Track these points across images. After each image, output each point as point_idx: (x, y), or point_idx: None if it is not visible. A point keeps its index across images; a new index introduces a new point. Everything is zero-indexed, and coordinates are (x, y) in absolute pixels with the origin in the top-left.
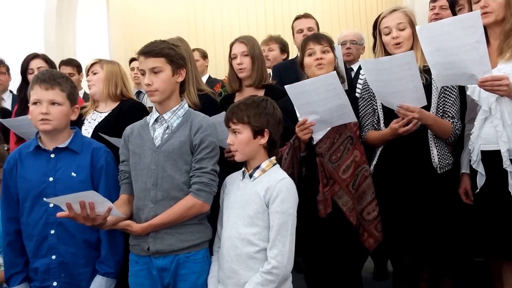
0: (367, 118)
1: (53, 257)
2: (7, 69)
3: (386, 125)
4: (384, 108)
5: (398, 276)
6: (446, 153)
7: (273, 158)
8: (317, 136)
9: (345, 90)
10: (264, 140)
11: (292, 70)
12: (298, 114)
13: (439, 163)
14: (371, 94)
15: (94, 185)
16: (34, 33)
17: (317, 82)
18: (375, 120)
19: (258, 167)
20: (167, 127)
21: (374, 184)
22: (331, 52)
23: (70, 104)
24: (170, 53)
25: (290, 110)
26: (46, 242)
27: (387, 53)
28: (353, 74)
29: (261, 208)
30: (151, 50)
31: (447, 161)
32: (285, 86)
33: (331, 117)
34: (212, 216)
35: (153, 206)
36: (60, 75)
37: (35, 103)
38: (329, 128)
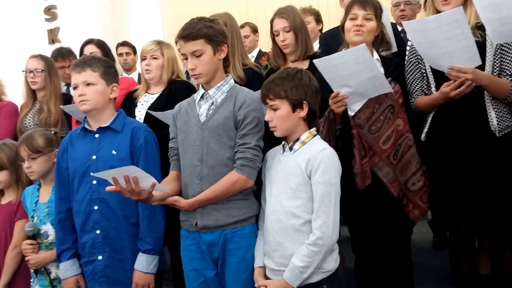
0: (415, 84)
1: (98, 231)
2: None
3: (438, 88)
4: (434, 71)
5: (455, 246)
6: (505, 115)
7: (313, 129)
8: (356, 107)
9: (395, 53)
10: (303, 113)
11: (338, 38)
12: None
13: (498, 126)
14: (418, 57)
15: (134, 163)
16: (92, 20)
17: (345, 55)
18: (424, 85)
19: (298, 140)
20: (212, 103)
21: (426, 152)
22: (374, 20)
23: (105, 83)
24: (208, 32)
25: None
26: (91, 217)
27: (438, 11)
28: None
29: (303, 180)
30: (189, 34)
31: (506, 123)
32: (314, 61)
33: (365, 90)
34: (258, 192)
35: (199, 182)
36: (91, 57)
37: (75, 88)
38: (366, 100)
